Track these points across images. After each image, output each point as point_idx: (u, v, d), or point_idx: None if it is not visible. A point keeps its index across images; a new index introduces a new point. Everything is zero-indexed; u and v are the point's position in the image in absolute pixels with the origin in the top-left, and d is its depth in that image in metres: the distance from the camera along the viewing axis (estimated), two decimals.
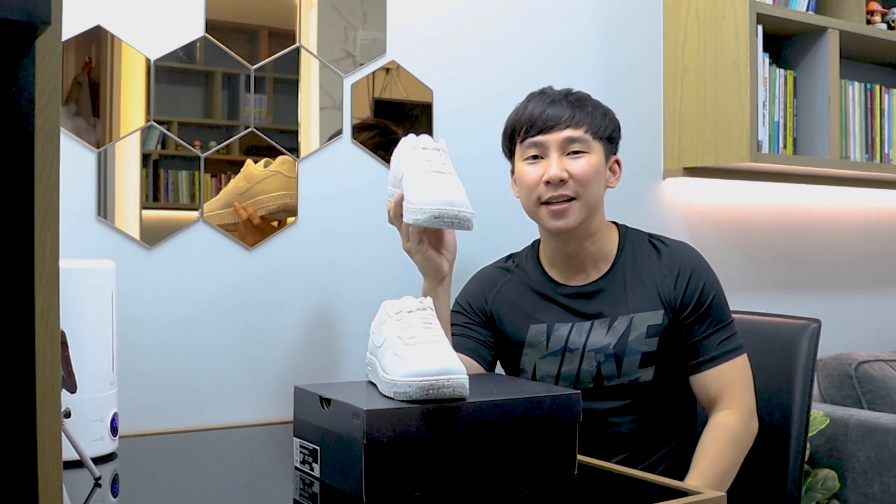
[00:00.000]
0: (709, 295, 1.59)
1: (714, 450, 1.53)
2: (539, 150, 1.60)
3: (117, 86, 1.71)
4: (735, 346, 1.60)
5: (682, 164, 2.40)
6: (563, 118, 1.59)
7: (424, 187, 1.45)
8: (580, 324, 1.61)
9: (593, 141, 1.60)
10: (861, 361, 2.55)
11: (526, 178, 1.61)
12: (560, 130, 1.59)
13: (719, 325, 1.59)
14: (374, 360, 1.32)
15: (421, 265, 1.59)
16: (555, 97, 1.63)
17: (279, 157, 1.86)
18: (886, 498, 2.27)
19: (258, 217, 1.83)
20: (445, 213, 1.42)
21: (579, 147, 1.59)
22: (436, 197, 1.43)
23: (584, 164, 1.58)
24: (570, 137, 1.58)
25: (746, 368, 1.61)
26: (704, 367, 1.58)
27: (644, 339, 1.57)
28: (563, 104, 1.61)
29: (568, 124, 1.59)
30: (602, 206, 1.65)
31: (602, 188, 1.63)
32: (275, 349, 1.86)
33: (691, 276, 1.59)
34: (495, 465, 1.24)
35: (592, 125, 1.60)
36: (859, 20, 2.58)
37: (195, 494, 1.35)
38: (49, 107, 0.70)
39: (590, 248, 1.63)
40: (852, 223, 2.88)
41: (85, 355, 1.38)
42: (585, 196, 1.58)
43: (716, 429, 1.55)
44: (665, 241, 1.66)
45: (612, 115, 1.66)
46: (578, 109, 1.60)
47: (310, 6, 1.90)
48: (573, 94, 1.64)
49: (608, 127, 1.63)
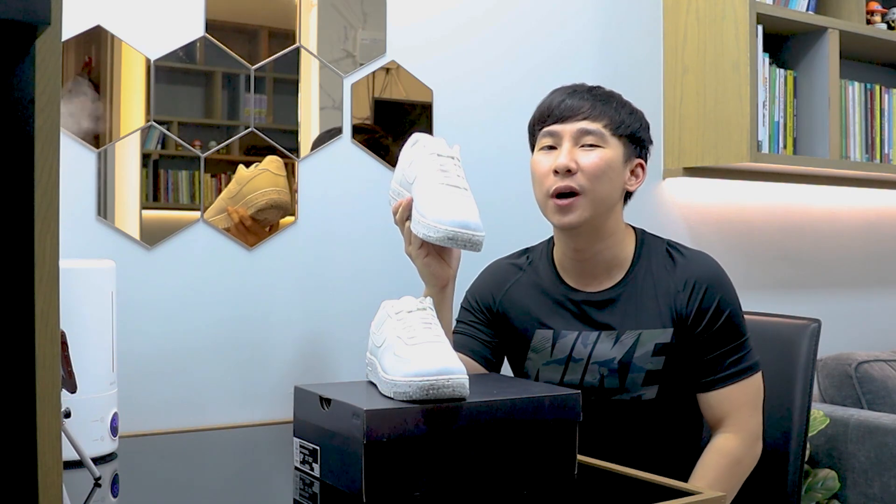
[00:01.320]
0: (724, 312, 1.53)
1: (712, 473, 1.49)
2: (553, 140, 1.55)
3: (117, 86, 1.71)
4: (748, 365, 1.54)
5: (682, 164, 2.40)
6: (582, 109, 1.54)
7: (440, 204, 1.39)
8: (587, 333, 1.56)
9: (611, 136, 1.54)
10: (861, 361, 2.55)
11: (536, 167, 1.57)
12: (576, 121, 1.53)
13: (733, 343, 1.54)
14: (374, 360, 1.32)
15: (420, 271, 1.53)
16: (579, 89, 1.58)
17: (268, 156, 1.85)
18: (886, 498, 2.27)
19: (249, 217, 1.82)
20: (459, 235, 1.36)
21: (594, 140, 1.53)
22: (451, 217, 1.37)
23: (595, 158, 1.52)
24: (585, 129, 1.53)
25: (757, 390, 1.55)
26: (714, 387, 1.53)
27: (650, 356, 1.52)
28: (586, 97, 1.56)
29: (586, 116, 1.53)
30: (618, 209, 1.59)
31: (615, 188, 1.55)
32: (275, 349, 1.86)
33: (707, 290, 1.53)
34: (495, 465, 1.24)
35: (613, 120, 1.54)
36: (859, 20, 2.58)
37: (195, 494, 1.35)
38: (49, 107, 0.70)
39: (604, 254, 1.58)
40: (852, 223, 2.88)
41: (85, 355, 1.38)
42: (592, 192, 1.51)
43: (716, 452, 1.52)
44: (683, 251, 1.59)
45: (640, 115, 1.60)
46: (601, 103, 1.55)
47: (310, 6, 1.90)
48: (601, 90, 1.59)
49: (632, 125, 1.56)
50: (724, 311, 1.53)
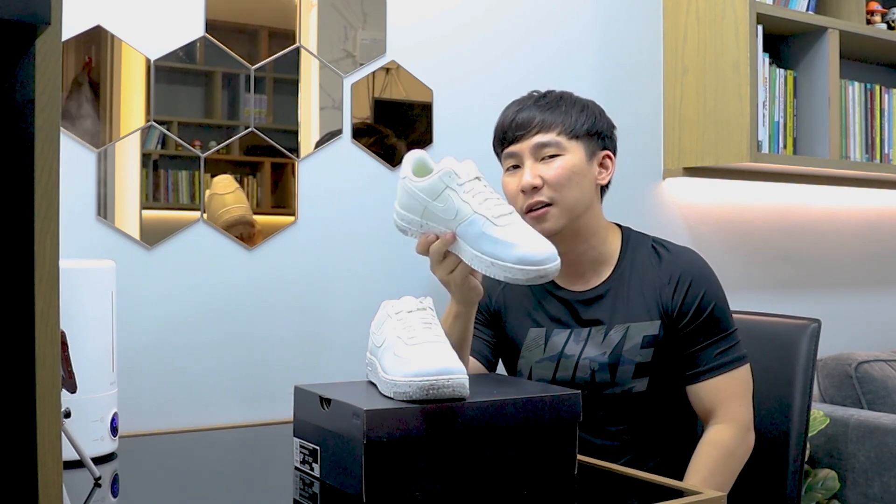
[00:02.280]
0: (709, 304, 1.55)
1: (708, 466, 1.50)
2: (515, 160, 1.59)
3: (117, 86, 1.71)
4: (735, 357, 1.56)
5: (682, 164, 2.40)
6: (533, 124, 1.56)
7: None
8: (578, 331, 1.59)
9: (568, 142, 1.56)
10: (861, 361, 2.55)
11: (506, 189, 1.60)
12: (530, 137, 1.56)
13: (719, 335, 1.56)
14: (374, 360, 1.32)
15: (457, 290, 1.45)
16: (526, 103, 1.60)
17: (216, 176, 1.83)
18: (886, 498, 2.27)
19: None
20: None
21: (552, 150, 1.55)
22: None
23: (556, 168, 1.54)
24: (541, 142, 1.55)
25: (746, 381, 1.57)
26: (701, 378, 1.55)
27: (639, 349, 1.55)
28: (533, 109, 1.58)
29: (538, 129, 1.56)
30: (595, 206, 1.61)
31: (585, 190, 1.58)
32: (275, 349, 1.86)
33: (691, 284, 1.56)
34: (495, 465, 1.24)
35: (566, 125, 1.56)
36: (859, 20, 2.57)
37: (195, 494, 1.35)
38: (49, 107, 0.69)
39: (589, 253, 1.61)
40: (852, 223, 2.87)
41: (85, 355, 1.38)
42: (562, 200, 1.54)
43: (710, 444, 1.53)
44: (668, 246, 1.62)
45: (592, 109, 1.61)
46: (549, 112, 1.57)
47: (310, 6, 1.90)
48: (548, 97, 1.61)
49: (585, 123, 1.58)
50: (708, 304, 1.56)
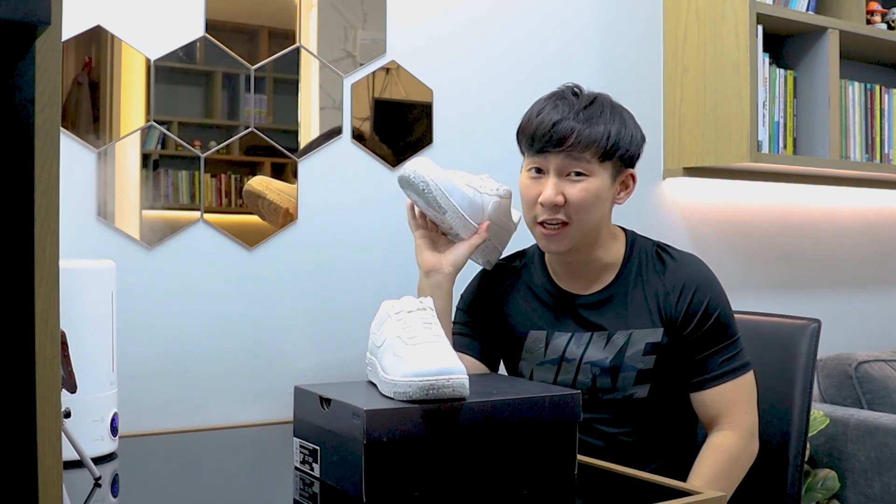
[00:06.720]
0: (714, 312, 1.53)
1: (711, 471, 1.49)
2: (540, 166, 1.53)
3: (117, 86, 1.71)
4: (739, 364, 1.55)
5: (682, 164, 2.40)
6: (569, 141, 1.48)
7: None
8: (579, 335, 1.58)
9: (598, 165, 1.50)
10: (861, 361, 2.55)
11: (524, 193, 1.56)
12: (562, 153, 1.49)
13: (724, 342, 1.54)
14: (374, 360, 1.32)
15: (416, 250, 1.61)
16: (564, 111, 1.50)
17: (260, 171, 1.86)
18: (886, 498, 2.27)
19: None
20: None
21: (581, 169, 1.49)
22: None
23: (581, 191, 1.49)
24: (571, 162, 1.49)
25: (750, 387, 1.56)
26: (707, 386, 1.54)
27: (641, 356, 1.54)
28: (572, 120, 1.49)
29: (572, 146, 1.48)
30: (606, 221, 1.58)
31: (604, 212, 1.55)
32: (275, 349, 1.86)
33: (695, 292, 1.54)
34: (495, 464, 1.24)
35: (600, 147, 1.49)
36: (859, 20, 2.57)
37: (195, 494, 1.35)
38: (49, 107, 0.70)
39: (593, 260, 1.58)
40: (852, 223, 2.87)
41: (85, 355, 1.38)
42: (580, 222, 1.51)
43: (714, 449, 1.52)
44: (672, 252, 1.60)
45: (630, 127, 1.55)
46: (588, 126, 1.48)
47: (310, 6, 1.90)
48: (591, 108, 1.51)
49: (619, 146, 1.51)
50: (713, 312, 1.54)
